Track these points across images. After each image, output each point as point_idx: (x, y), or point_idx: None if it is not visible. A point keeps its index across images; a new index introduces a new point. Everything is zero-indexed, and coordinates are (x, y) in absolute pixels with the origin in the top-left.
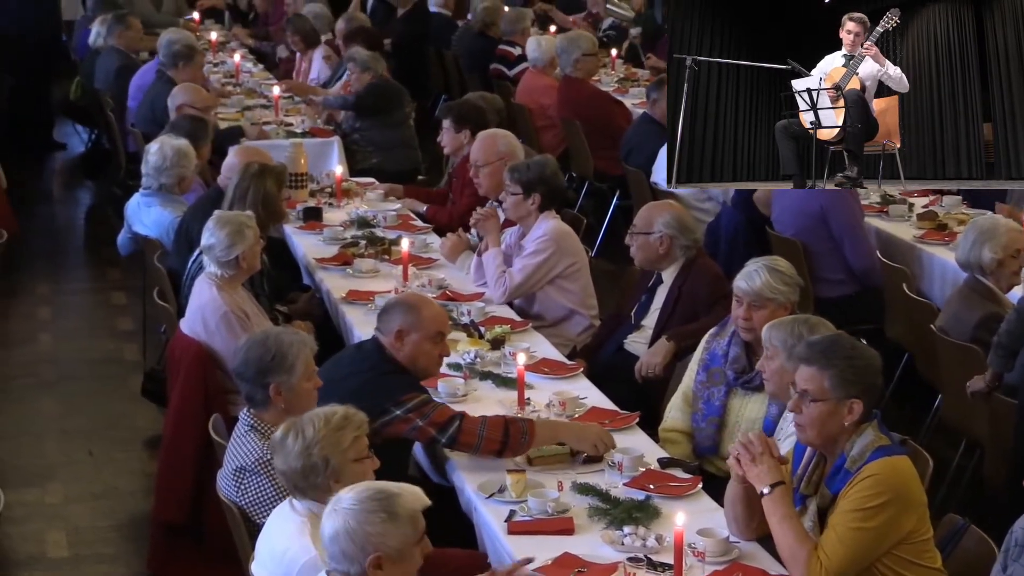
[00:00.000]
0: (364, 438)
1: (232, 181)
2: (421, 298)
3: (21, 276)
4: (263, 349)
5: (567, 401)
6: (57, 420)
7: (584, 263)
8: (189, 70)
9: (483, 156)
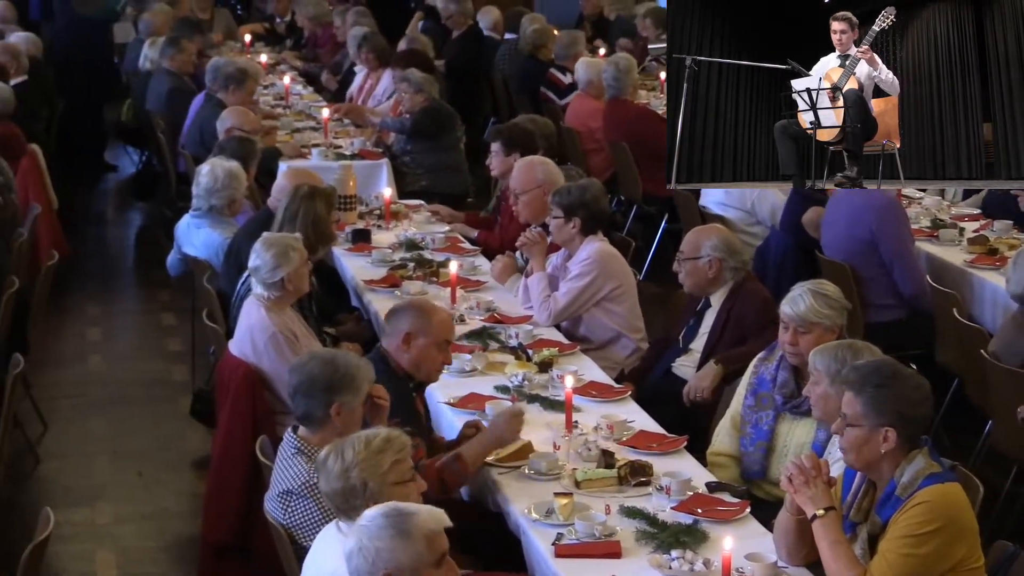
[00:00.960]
0: (407, 461)
1: (282, 203)
2: (431, 304)
3: (72, 297)
4: (332, 367)
5: (615, 424)
6: (107, 440)
7: (631, 286)
8: (240, 94)
9: (521, 184)
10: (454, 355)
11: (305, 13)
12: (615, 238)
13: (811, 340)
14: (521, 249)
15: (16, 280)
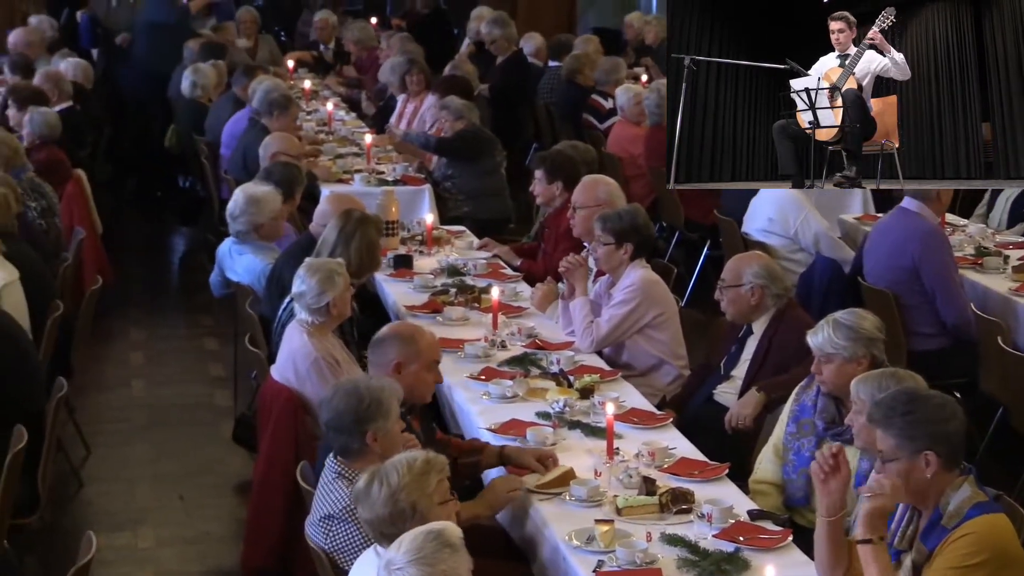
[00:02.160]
0: (446, 481)
1: (333, 226)
2: (414, 328)
3: (115, 321)
4: (357, 398)
5: (656, 451)
6: (149, 465)
7: (673, 313)
8: (284, 119)
9: (583, 199)
10: (495, 381)
11: (351, 36)
12: (657, 264)
13: (832, 370)
14: (563, 274)
15: (61, 304)
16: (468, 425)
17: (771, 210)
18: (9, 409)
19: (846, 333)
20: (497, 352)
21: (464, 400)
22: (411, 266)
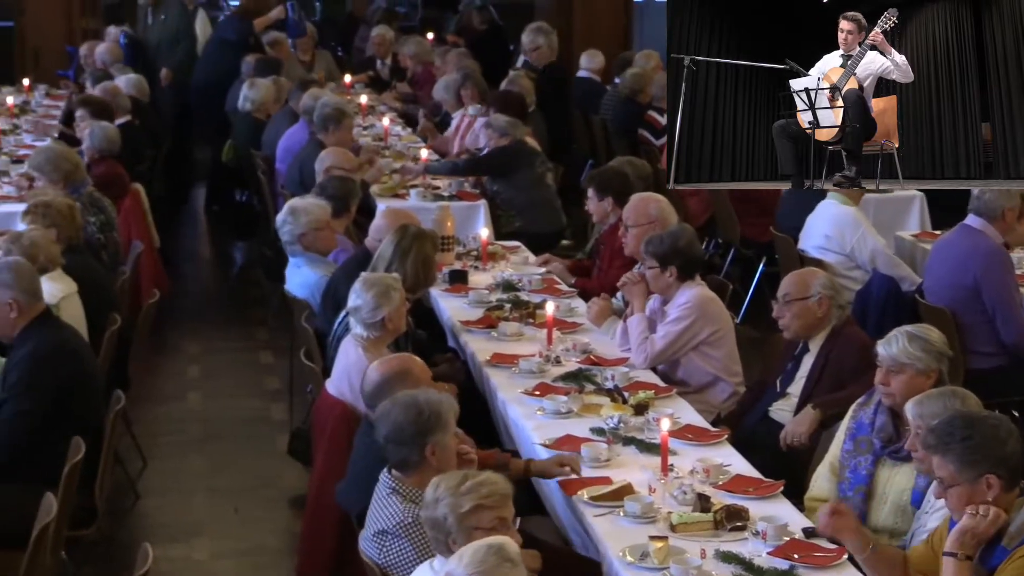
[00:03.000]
0: (496, 509)
1: (388, 241)
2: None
3: (171, 334)
4: (416, 410)
5: (711, 468)
6: (204, 477)
7: (729, 330)
8: (340, 133)
9: (633, 217)
10: (550, 397)
11: (407, 52)
12: (712, 281)
13: (902, 381)
14: (621, 290)
15: (118, 317)
16: (522, 441)
17: (828, 227)
18: (68, 421)
19: (921, 345)
20: (552, 368)
21: (519, 416)
22: (466, 281)
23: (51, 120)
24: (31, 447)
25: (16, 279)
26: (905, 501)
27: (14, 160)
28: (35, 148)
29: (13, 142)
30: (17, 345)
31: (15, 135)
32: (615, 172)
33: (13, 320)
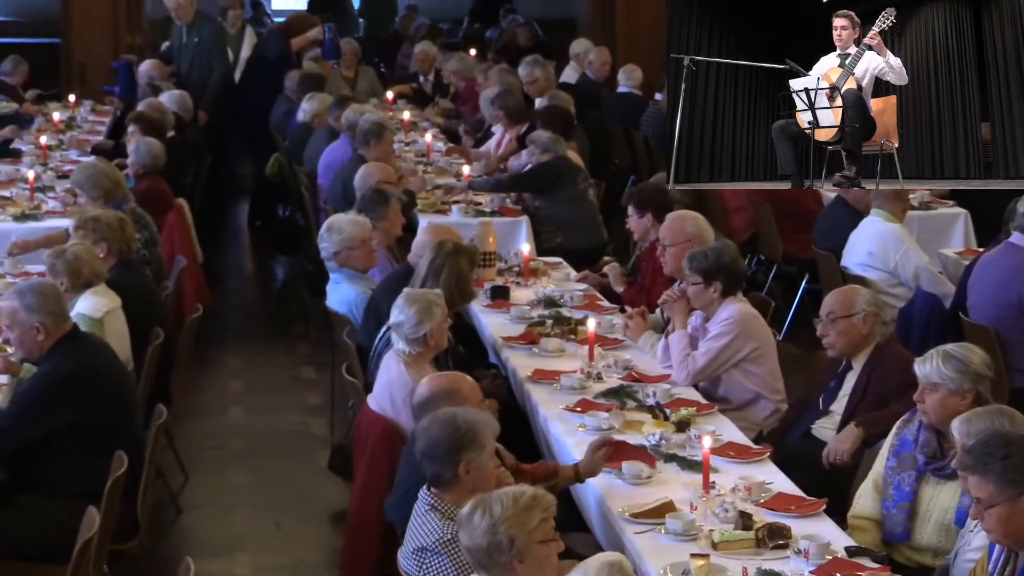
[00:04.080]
0: (551, 520)
1: (425, 258)
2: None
3: (214, 349)
4: (453, 427)
5: (753, 486)
6: (246, 492)
7: (771, 347)
8: (380, 147)
9: (670, 236)
10: (591, 413)
11: (450, 68)
12: (755, 298)
13: (936, 400)
14: (662, 307)
15: (161, 332)
16: (564, 457)
17: (871, 244)
18: (110, 436)
19: (955, 365)
20: (593, 384)
21: (560, 432)
22: (508, 297)
23: (95, 136)
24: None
25: (42, 302)
26: (949, 519)
27: (60, 175)
28: (79, 164)
29: (59, 157)
30: (42, 362)
31: (60, 150)
32: (654, 188)
33: (41, 342)
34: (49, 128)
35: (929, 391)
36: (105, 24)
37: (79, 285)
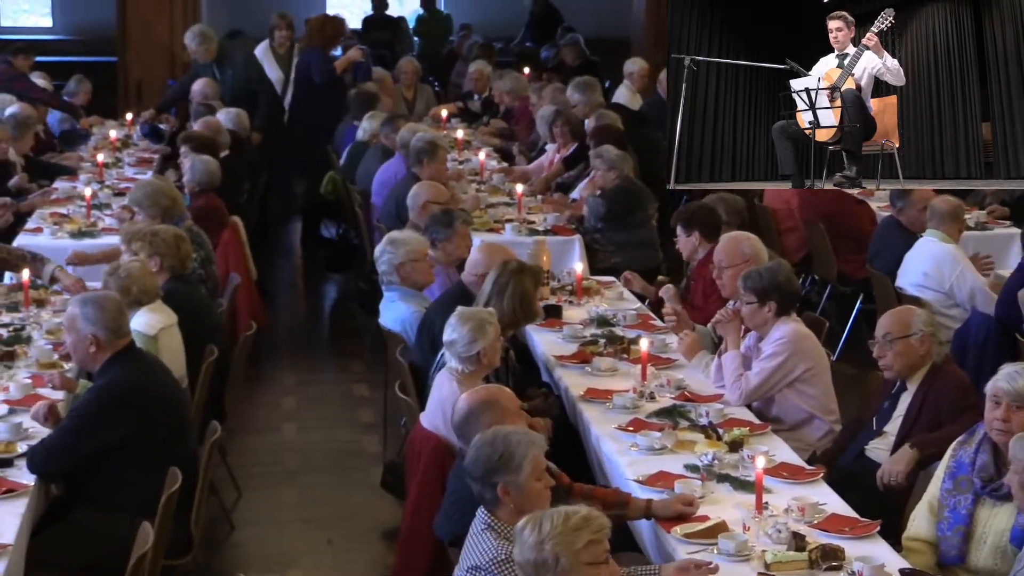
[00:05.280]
0: (603, 542)
1: (490, 277)
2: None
3: (268, 366)
4: (491, 449)
5: (806, 507)
6: (299, 508)
7: (824, 367)
8: (434, 165)
9: (727, 258)
10: (644, 432)
11: (502, 87)
12: (808, 318)
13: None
14: (715, 327)
15: (215, 349)
16: (616, 476)
17: (926, 265)
18: (163, 452)
19: None
20: (646, 403)
21: (612, 451)
22: (561, 316)
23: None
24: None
25: (99, 315)
26: (1005, 541)
27: (116, 193)
28: (136, 182)
29: (115, 175)
30: (97, 377)
31: (117, 168)
32: (699, 207)
33: (93, 354)
34: (106, 146)
35: (1017, 408)
36: (162, 43)
37: (129, 303)
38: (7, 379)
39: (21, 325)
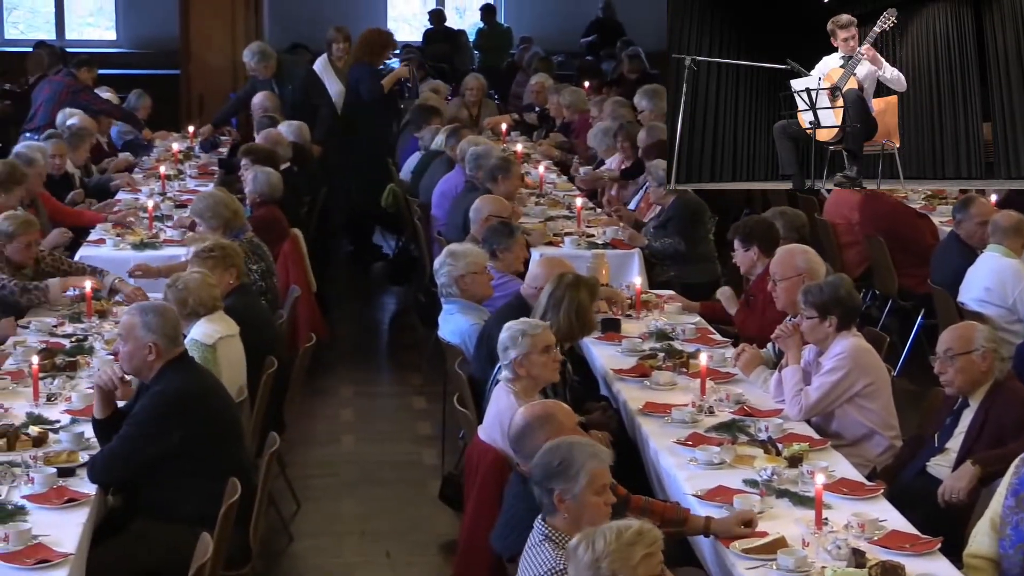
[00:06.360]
0: (658, 555)
1: (546, 290)
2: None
3: (327, 378)
4: (551, 455)
5: (866, 523)
6: (357, 521)
7: (885, 382)
8: (508, 182)
9: (781, 271)
10: (703, 447)
11: (561, 100)
12: (869, 333)
13: None
14: (776, 342)
15: (275, 361)
16: (674, 491)
17: (988, 280)
18: (218, 460)
19: None
20: (705, 418)
21: (671, 465)
22: (619, 329)
23: (213, 167)
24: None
25: (161, 323)
26: None
27: (177, 205)
28: (197, 193)
29: (177, 187)
30: (152, 384)
31: (179, 180)
32: (757, 221)
33: (151, 362)
34: (168, 158)
35: None
36: (223, 56)
37: (184, 314)
38: (69, 389)
39: (84, 336)
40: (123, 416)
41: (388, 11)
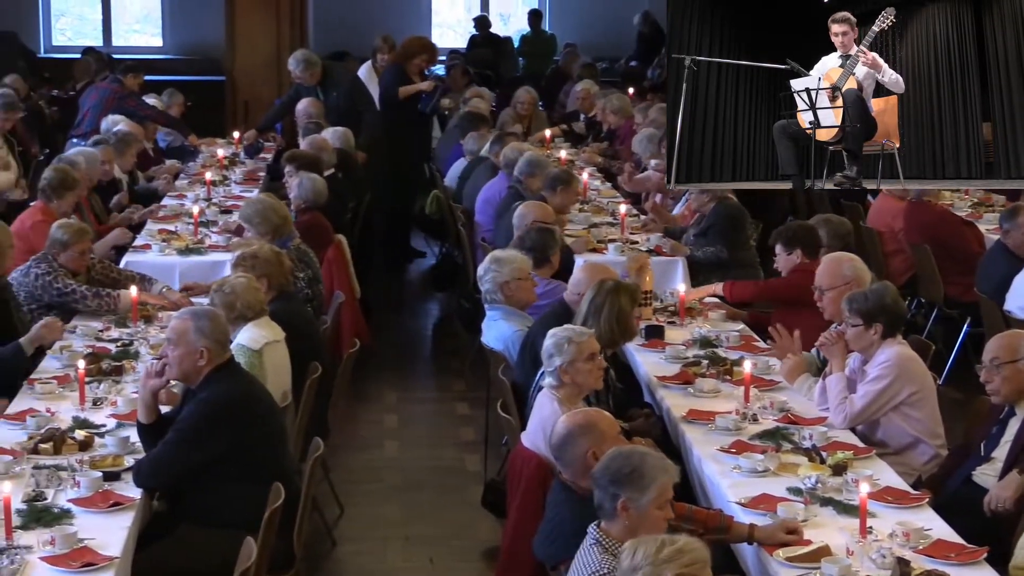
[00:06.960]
0: (708, 572)
1: (587, 296)
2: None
3: (371, 383)
4: (624, 461)
5: (911, 532)
6: (400, 526)
7: (930, 390)
8: (567, 195)
9: (827, 280)
10: (746, 455)
11: (609, 107)
12: (915, 341)
13: None
14: (820, 350)
15: (319, 366)
16: (717, 498)
17: None
18: (263, 466)
19: None
20: (748, 425)
21: (714, 473)
22: (663, 337)
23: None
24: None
25: (212, 328)
26: None
27: (223, 210)
28: (244, 199)
29: (223, 193)
30: (199, 389)
31: (224, 186)
32: (799, 226)
33: (200, 367)
34: (213, 164)
35: None
36: (268, 62)
37: (232, 319)
38: (115, 394)
39: (129, 340)
40: (168, 421)
41: (432, 17)
